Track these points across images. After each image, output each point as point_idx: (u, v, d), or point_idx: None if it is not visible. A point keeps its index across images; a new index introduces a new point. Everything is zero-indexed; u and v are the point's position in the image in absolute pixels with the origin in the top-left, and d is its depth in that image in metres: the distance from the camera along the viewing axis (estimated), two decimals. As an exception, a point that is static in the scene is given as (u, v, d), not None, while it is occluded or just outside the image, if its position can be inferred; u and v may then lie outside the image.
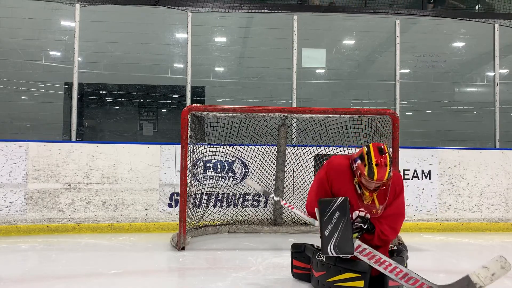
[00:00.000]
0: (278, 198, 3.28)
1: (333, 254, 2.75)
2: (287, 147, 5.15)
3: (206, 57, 7.77)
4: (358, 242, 2.78)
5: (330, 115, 4.56)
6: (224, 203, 5.28)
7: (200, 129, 4.85)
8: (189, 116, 4.31)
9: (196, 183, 4.96)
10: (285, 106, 6.60)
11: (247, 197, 5.32)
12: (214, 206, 5.24)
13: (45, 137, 6.96)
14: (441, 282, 2.65)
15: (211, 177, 5.25)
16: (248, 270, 3.51)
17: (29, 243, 4.56)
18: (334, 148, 5.06)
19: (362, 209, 2.87)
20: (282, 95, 7.26)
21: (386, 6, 6.88)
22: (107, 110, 7.86)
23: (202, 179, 5.19)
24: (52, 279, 3.28)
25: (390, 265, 2.69)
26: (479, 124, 7.89)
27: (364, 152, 2.79)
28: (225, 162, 5.29)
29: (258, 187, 3.31)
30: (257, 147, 5.15)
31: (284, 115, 4.74)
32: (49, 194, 5.00)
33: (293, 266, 3.22)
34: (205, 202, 5.19)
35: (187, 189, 4.38)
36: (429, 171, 5.51)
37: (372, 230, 2.90)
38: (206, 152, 5.06)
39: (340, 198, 2.81)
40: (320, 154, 5.23)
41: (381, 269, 2.70)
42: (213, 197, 5.25)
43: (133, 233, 5.06)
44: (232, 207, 5.27)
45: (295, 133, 5.62)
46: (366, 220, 2.87)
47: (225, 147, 5.16)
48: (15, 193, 4.94)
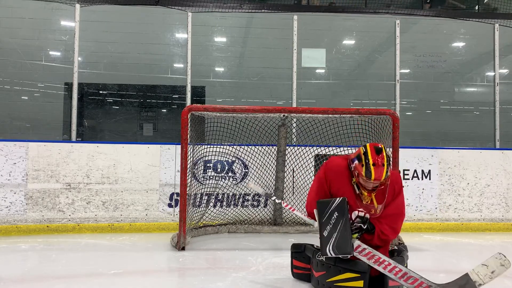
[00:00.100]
0: (279, 201, 3.28)
1: (332, 255, 2.75)
2: (287, 147, 5.15)
3: (206, 57, 7.77)
4: (357, 242, 2.78)
5: (330, 115, 4.56)
6: (224, 203, 5.28)
7: (200, 129, 4.85)
8: (189, 116, 4.30)
9: (196, 183, 4.96)
10: (285, 106, 6.60)
11: (247, 197, 5.32)
12: (214, 206, 5.24)
13: (45, 137, 6.95)
14: (441, 282, 2.65)
15: (211, 177, 5.25)
16: (248, 270, 3.52)
17: (29, 243, 4.56)
18: (334, 148, 5.06)
19: (361, 209, 2.88)
20: (282, 95, 7.26)
21: (386, 6, 6.88)
22: (107, 110, 7.86)
23: (202, 179, 5.19)
24: (52, 279, 3.28)
25: (390, 264, 2.69)
26: (479, 124, 7.89)
27: (361, 152, 2.80)
28: (225, 162, 5.29)
29: (260, 190, 3.32)
30: (257, 147, 5.15)
31: (284, 115, 4.74)
32: (49, 194, 5.00)
33: (293, 266, 3.22)
34: (205, 202, 5.19)
35: (187, 189, 4.38)
36: (429, 171, 5.51)
37: (372, 230, 2.90)
38: (206, 152, 5.06)
39: (338, 199, 2.81)
40: (320, 154, 5.23)
41: (380, 269, 2.70)
42: (213, 197, 5.25)
43: (133, 233, 5.06)
44: (232, 207, 5.27)
45: (295, 133, 5.62)
46: (366, 220, 2.87)
47: (225, 147, 5.16)
48: (15, 193, 4.94)
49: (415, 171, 5.49)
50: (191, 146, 4.55)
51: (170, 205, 5.24)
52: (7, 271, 3.49)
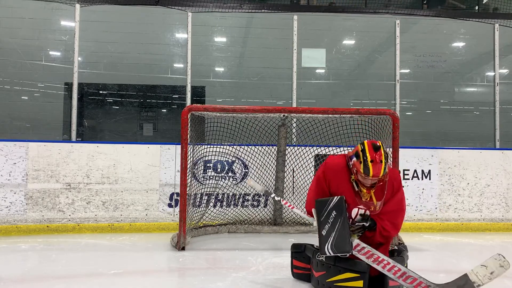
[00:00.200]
0: (278, 198, 3.29)
1: (331, 254, 2.76)
2: (287, 147, 5.15)
3: (206, 57, 7.77)
4: (356, 241, 2.79)
5: (330, 115, 4.56)
6: (224, 203, 5.28)
7: (200, 129, 4.85)
8: (189, 116, 4.31)
9: (196, 183, 4.96)
10: (285, 106, 6.60)
11: (247, 197, 5.32)
12: (214, 206, 5.24)
13: (45, 137, 6.95)
14: (441, 282, 2.65)
15: (211, 177, 5.25)
16: (248, 270, 3.52)
17: (29, 243, 4.56)
18: (334, 148, 5.06)
19: (361, 206, 2.88)
20: (282, 95, 7.26)
21: (386, 6, 6.88)
22: (107, 110, 7.86)
23: (202, 179, 5.19)
24: (52, 279, 3.28)
25: (389, 264, 2.69)
26: (479, 124, 7.89)
27: (359, 150, 2.81)
28: (225, 162, 5.29)
29: (259, 187, 3.33)
30: (257, 147, 5.15)
31: (284, 115, 4.74)
32: (49, 194, 5.00)
33: (293, 266, 3.23)
34: (205, 202, 5.19)
35: (187, 189, 4.38)
36: (429, 171, 5.51)
37: (374, 226, 2.90)
38: (206, 152, 5.06)
39: (336, 197, 2.82)
40: (320, 154, 5.23)
41: (379, 268, 2.70)
42: (213, 197, 5.25)
43: (133, 233, 5.06)
44: (232, 207, 5.27)
45: (295, 133, 5.62)
46: (367, 218, 2.88)
47: (225, 147, 5.16)
48: (15, 193, 4.94)
49: (415, 171, 5.49)
50: (191, 146, 4.55)
51: (170, 205, 5.24)
52: (7, 271, 3.49)
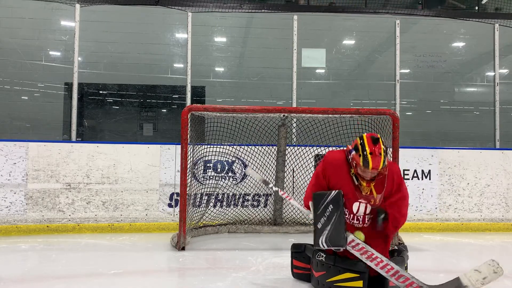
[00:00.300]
0: (276, 188, 3.32)
1: (324, 247, 2.77)
2: (287, 147, 5.15)
3: (206, 57, 7.77)
4: (351, 236, 2.79)
5: (330, 115, 4.56)
6: (224, 203, 5.28)
7: (200, 129, 4.85)
8: (189, 116, 4.31)
9: (196, 183, 4.96)
10: (285, 106, 6.60)
11: (247, 197, 5.32)
12: (214, 206, 5.24)
13: (45, 137, 6.96)
14: (441, 282, 2.65)
15: (211, 177, 5.25)
16: (248, 270, 3.52)
17: (29, 243, 4.56)
18: (334, 148, 5.05)
19: (361, 200, 2.88)
20: (282, 95, 7.26)
21: (384, 5, 6.87)
22: (107, 110, 7.86)
23: (202, 179, 5.19)
24: (52, 279, 3.28)
25: (382, 261, 2.70)
26: (479, 124, 7.89)
27: (358, 143, 2.82)
28: (225, 162, 5.29)
29: (257, 176, 3.36)
30: (257, 147, 5.15)
31: (284, 115, 4.74)
32: (49, 194, 5.00)
33: (293, 266, 3.23)
34: (205, 202, 5.19)
35: (187, 189, 4.38)
36: (429, 171, 5.51)
37: (387, 216, 2.86)
38: (206, 152, 5.06)
39: (334, 192, 2.82)
40: (320, 154, 5.23)
41: (372, 265, 2.71)
42: (213, 197, 5.25)
43: (133, 233, 5.06)
44: (232, 207, 5.27)
45: (295, 133, 5.62)
46: (381, 211, 2.84)
47: (225, 147, 5.16)
48: (15, 193, 4.94)
49: (415, 171, 5.49)
50: (191, 146, 4.55)
51: (170, 205, 5.24)
52: (7, 271, 3.49)
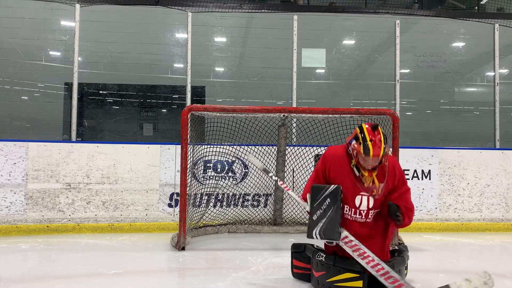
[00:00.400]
0: (276, 178, 3.33)
1: (317, 238, 2.78)
2: (287, 147, 5.15)
3: (206, 57, 7.77)
4: (345, 233, 2.80)
5: (330, 115, 4.56)
6: (224, 203, 5.28)
7: (200, 129, 4.85)
8: (189, 116, 4.30)
9: (196, 183, 4.95)
10: (285, 106, 6.60)
11: (247, 197, 5.32)
12: (214, 206, 5.24)
13: (45, 137, 6.96)
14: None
15: (211, 177, 5.25)
16: (248, 270, 3.52)
17: (29, 243, 4.56)
18: (334, 148, 5.06)
19: (363, 193, 2.88)
20: (282, 95, 7.26)
21: (386, 6, 6.88)
22: (107, 110, 7.86)
23: (202, 179, 5.19)
24: (52, 279, 3.28)
25: (373, 260, 2.70)
26: (479, 124, 7.89)
27: (358, 132, 2.83)
28: (225, 162, 5.29)
29: (258, 164, 3.36)
30: (257, 147, 5.15)
31: (284, 115, 4.74)
32: (49, 194, 5.00)
33: (293, 266, 3.23)
34: (205, 202, 5.19)
35: (187, 189, 4.38)
36: (429, 171, 5.51)
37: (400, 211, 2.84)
38: (206, 152, 5.06)
39: (333, 186, 2.83)
40: (320, 154, 5.21)
41: (363, 263, 2.71)
42: (213, 197, 5.25)
43: (133, 233, 5.06)
44: (232, 207, 5.27)
45: (295, 133, 5.62)
46: (395, 207, 2.82)
47: (225, 147, 5.16)
48: (15, 193, 4.94)
49: (415, 171, 5.48)
50: (191, 146, 4.55)
51: (170, 205, 5.24)
52: (7, 271, 3.49)
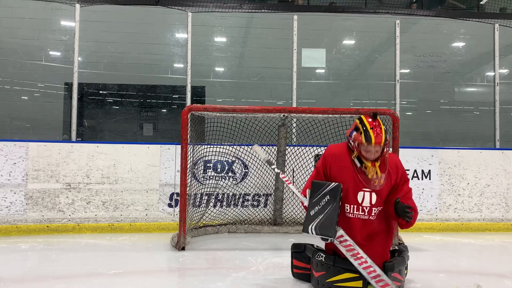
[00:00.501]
0: (278, 171, 3.35)
1: (313, 234, 2.78)
2: (287, 147, 5.15)
3: (206, 57, 7.77)
4: (341, 232, 2.80)
5: (330, 115, 4.56)
6: (224, 203, 5.28)
7: (200, 129, 4.85)
8: (189, 116, 4.31)
9: (196, 183, 4.96)
10: (285, 106, 6.59)
11: (247, 197, 5.32)
12: (214, 206, 5.24)
13: (45, 137, 6.96)
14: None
15: (211, 177, 5.25)
16: (248, 270, 3.52)
17: (29, 243, 4.56)
18: (334, 148, 5.05)
19: (365, 189, 2.87)
20: (282, 95, 7.26)
21: (386, 6, 6.88)
22: (107, 110, 7.86)
23: (202, 179, 5.19)
24: (52, 279, 3.28)
25: (366, 262, 2.71)
26: (479, 124, 7.89)
27: (358, 123, 2.87)
28: (225, 162, 5.29)
29: (263, 155, 3.38)
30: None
31: (284, 115, 4.74)
32: (49, 194, 5.00)
33: (293, 266, 3.23)
34: (205, 202, 5.19)
35: (187, 189, 4.38)
36: (429, 171, 5.51)
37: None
38: (206, 152, 5.06)
39: (334, 183, 2.83)
40: (320, 154, 5.22)
41: (356, 264, 2.72)
42: (213, 197, 5.25)
43: (133, 233, 5.06)
44: (232, 207, 5.27)
45: (295, 133, 5.62)
46: (403, 205, 2.81)
47: (225, 147, 5.16)
48: (15, 193, 4.94)
49: (415, 171, 5.48)
50: (191, 146, 4.55)
51: (170, 205, 5.24)
52: (7, 271, 3.49)
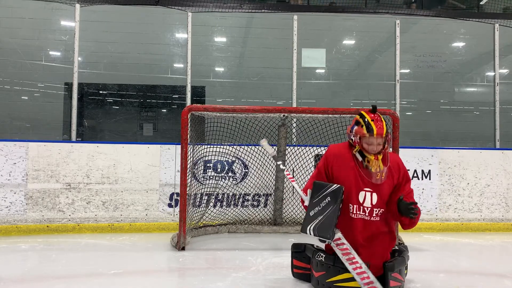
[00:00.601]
0: (284, 167, 3.37)
1: (310, 234, 2.79)
2: (287, 147, 5.15)
3: (206, 57, 7.77)
4: (339, 235, 2.80)
5: (330, 115, 4.56)
6: (224, 203, 5.28)
7: (200, 129, 4.85)
8: (189, 116, 4.31)
9: (196, 183, 4.96)
10: (285, 106, 6.59)
11: (247, 197, 5.32)
12: (214, 206, 5.24)
13: (45, 137, 6.96)
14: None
15: (211, 177, 5.25)
16: (248, 270, 3.52)
17: (29, 243, 4.56)
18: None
19: (367, 189, 2.87)
20: (282, 95, 7.26)
21: (386, 6, 6.88)
22: (107, 110, 7.86)
23: (202, 179, 5.19)
24: (52, 279, 3.28)
25: (360, 268, 2.71)
26: (479, 124, 7.89)
27: (358, 117, 2.93)
28: (225, 162, 5.29)
29: (270, 151, 3.41)
30: (257, 147, 5.15)
31: (284, 115, 4.74)
32: (49, 194, 5.00)
33: (293, 266, 3.23)
34: (205, 202, 5.19)
35: (187, 189, 4.38)
36: (429, 171, 5.51)
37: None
38: (206, 152, 5.06)
39: (336, 185, 2.83)
40: (320, 154, 5.23)
41: (350, 268, 2.73)
42: (213, 197, 5.25)
43: (133, 233, 5.06)
44: (232, 207, 5.27)
45: (295, 133, 5.62)
46: (408, 203, 2.82)
47: (225, 147, 5.16)
48: (15, 193, 4.94)
49: (415, 171, 5.48)
50: (191, 146, 4.55)
51: (170, 205, 5.24)
52: (7, 271, 3.49)
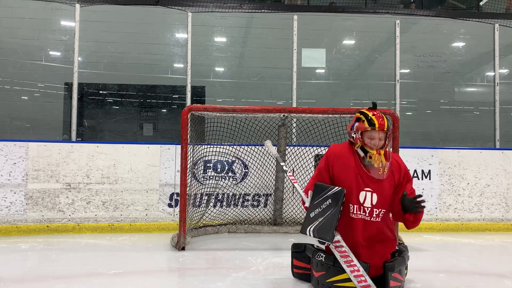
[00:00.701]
0: (287, 169, 3.39)
1: (310, 235, 2.80)
2: (287, 147, 5.15)
3: (206, 57, 7.77)
4: (339, 237, 2.81)
5: (330, 115, 4.56)
6: (224, 203, 5.28)
7: (200, 129, 4.85)
8: (189, 116, 4.31)
9: (196, 183, 4.96)
10: (285, 106, 6.59)
11: (247, 197, 5.32)
12: (214, 206, 5.24)
13: (45, 137, 6.95)
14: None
15: (211, 177, 5.25)
16: (248, 270, 3.52)
17: (29, 243, 4.56)
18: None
19: (367, 189, 2.87)
20: (282, 95, 7.26)
21: (386, 6, 6.88)
22: (107, 110, 7.86)
23: (202, 179, 5.19)
24: (52, 279, 3.28)
25: (358, 271, 2.72)
26: (479, 124, 7.89)
27: (359, 114, 2.96)
28: (225, 162, 5.29)
29: (274, 152, 3.45)
30: (257, 147, 5.15)
31: (284, 115, 4.74)
32: (49, 194, 5.00)
33: (293, 266, 3.23)
34: (205, 202, 5.19)
35: (187, 189, 4.38)
36: (429, 171, 5.51)
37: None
38: (206, 152, 5.06)
39: (337, 188, 2.84)
40: (320, 154, 5.23)
41: (348, 271, 2.73)
42: (213, 197, 5.25)
43: (133, 233, 5.06)
44: (232, 207, 5.27)
45: (295, 133, 5.62)
46: (411, 199, 2.84)
47: (225, 147, 5.16)
48: (15, 193, 4.94)
49: (415, 171, 5.48)
50: (191, 146, 4.55)
51: (170, 205, 5.24)
52: (7, 271, 3.49)
